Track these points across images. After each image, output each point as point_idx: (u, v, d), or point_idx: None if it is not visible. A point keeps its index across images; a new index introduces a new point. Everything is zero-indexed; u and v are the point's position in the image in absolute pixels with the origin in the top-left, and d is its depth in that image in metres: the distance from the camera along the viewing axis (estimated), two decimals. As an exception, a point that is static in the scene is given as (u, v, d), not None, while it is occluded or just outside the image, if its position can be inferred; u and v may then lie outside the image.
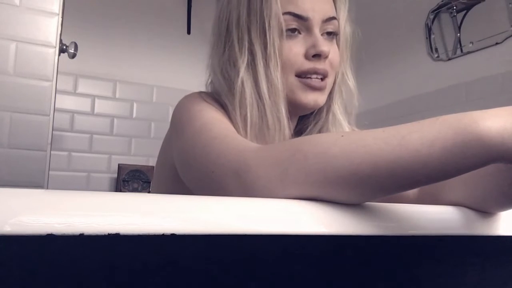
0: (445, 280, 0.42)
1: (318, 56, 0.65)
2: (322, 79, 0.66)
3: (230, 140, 0.50)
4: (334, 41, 0.70)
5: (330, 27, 0.68)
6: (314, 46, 0.64)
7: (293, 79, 0.65)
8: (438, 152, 0.34)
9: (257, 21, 0.64)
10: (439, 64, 1.98)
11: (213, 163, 0.48)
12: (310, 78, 0.66)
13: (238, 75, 0.63)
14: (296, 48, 0.65)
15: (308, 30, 0.66)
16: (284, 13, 0.64)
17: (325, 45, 0.64)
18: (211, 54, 0.71)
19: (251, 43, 0.64)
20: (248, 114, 0.62)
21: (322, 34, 0.66)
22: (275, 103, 0.63)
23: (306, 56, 0.65)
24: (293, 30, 0.65)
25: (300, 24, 0.65)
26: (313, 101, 0.66)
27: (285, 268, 0.33)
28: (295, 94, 0.66)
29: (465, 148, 0.33)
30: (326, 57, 0.66)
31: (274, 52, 0.63)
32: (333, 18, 0.68)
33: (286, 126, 0.64)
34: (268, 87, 0.63)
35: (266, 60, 0.63)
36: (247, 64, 0.64)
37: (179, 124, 0.61)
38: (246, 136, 0.62)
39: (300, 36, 0.66)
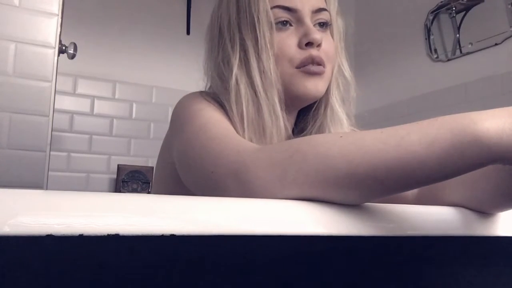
0: (444, 280, 0.42)
1: (311, 44, 0.65)
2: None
3: (229, 141, 0.50)
4: (328, 32, 0.70)
5: (321, 18, 0.68)
6: (306, 35, 0.65)
7: (292, 71, 0.65)
8: (436, 153, 0.34)
9: (246, 18, 0.65)
10: (438, 65, 1.98)
11: (212, 164, 0.48)
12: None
13: (232, 73, 0.64)
14: (288, 39, 0.65)
15: (299, 21, 0.66)
16: (273, 7, 0.65)
17: (317, 33, 0.65)
18: (206, 59, 0.72)
19: (242, 40, 0.65)
20: (245, 111, 0.62)
21: (314, 25, 0.67)
22: (270, 96, 0.63)
23: (299, 46, 0.65)
24: (284, 23, 0.66)
25: (290, 16, 0.66)
26: (313, 87, 0.66)
27: (284, 268, 0.33)
28: (295, 85, 0.65)
29: (464, 149, 0.33)
30: (319, 45, 0.66)
31: (265, 44, 0.64)
32: (323, 9, 0.68)
33: (281, 118, 0.64)
34: (261, 80, 0.64)
35: (258, 53, 0.64)
36: (240, 60, 0.65)
37: (179, 123, 0.61)
38: (244, 133, 0.62)
39: (292, 28, 0.66)
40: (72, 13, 1.83)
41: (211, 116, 0.58)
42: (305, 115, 0.74)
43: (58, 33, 1.22)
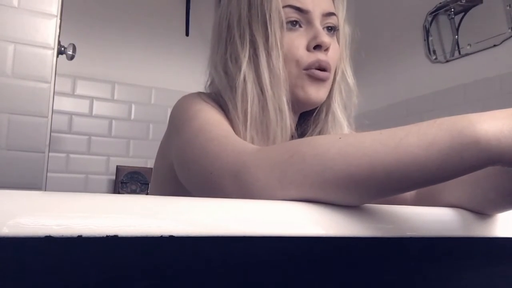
0: (442, 281, 0.42)
1: (319, 47, 0.65)
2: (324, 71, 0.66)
3: (228, 142, 0.50)
4: (335, 38, 0.70)
5: (330, 22, 0.68)
6: (315, 37, 0.65)
7: (298, 72, 0.65)
8: (435, 154, 0.34)
9: (258, 15, 0.65)
10: (437, 66, 1.98)
11: (212, 165, 0.48)
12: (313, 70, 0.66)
13: (240, 70, 0.64)
14: (297, 40, 0.66)
15: (309, 23, 0.66)
16: (285, 6, 0.65)
17: (326, 37, 0.65)
18: (211, 55, 0.72)
19: (252, 36, 0.65)
20: (249, 109, 0.62)
21: (322, 29, 0.67)
22: (277, 94, 0.63)
23: (308, 48, 0.66)
24: (294, 24, 0.66)
25: (300, 17, 0.66)
26: (315, 93, 0.66)
27: (283, 269, 0.33)
28: (298, 88, 0.66)
29: (462, 151, 0.33)
30: (327, 48, 0.66)
31: (276, 43, 0.64)
32: (333, 13, 0.69)
33: (288, 117, 0.64)
34: (270, 78, 0.64)
35: (268, 51, 0.64)
36: (249, 57, 0.65)
37: (178, 124, 0.61)
38: (246, 131, 0.62)
39: (301, 29, 0.66)
40: (71, 14, 1.83)
41: (210, 117, 0.58)
42: (306, 119, 0.74)
43: (57, 34, 1.22)
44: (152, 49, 2.25)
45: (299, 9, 0.66)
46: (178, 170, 0.58)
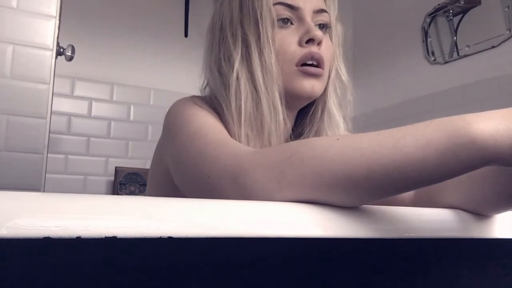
0: (441, 282, 0.42)
1: (312, 41, 0.65)
2: (318, 67, 0.67)
3: (225, 145, 0.50)
4: (327, 35, 0.71)
5: (321, 19, 0.69)
6: (307, 32, 0.65)
7: (291, 68, 0.65)
8: (432, 154, 0.34)
9: (249, 14, 0.66)
10: (436, 67, 1.99)
11: (209, 168, 0.48)
12: (307, 65, 0.66)
13: (233, 68, 0.65)
14: (289, 37, 0.66)
15: (300, 20, 0.67)
16: (275, 4, 0.66)
17: (318, 31, 0.65)
18: (205, 57, 0.72)
19: (245, 35, 0.66)
20: (243, 106, 0.62)
21: (314, 26, 0.67)
22: (271, 90, 0.64)
23: (300, 43, 0.66)
24: (286, 21, 0.66)
25: (292, 14, 0.67)
26: (310, 87, 0.66)
27: (282, 270, 0.33)
28: (292, 83, 0.66)
29: (459, 151, 0.33)
30: (320, 43, 0.66)
31: (268, 40, 0.64)
32: (324, 10, 0.69)
33: (281, 112, 0.64)
34: (263, 74, 0.64)
35: (260, 48, 0.65)
36: (242, 56, 0.65)
37: (173, 129, 0.61)
38: (240, 129, 0.62)
39: (293, 26, 0.67)
40: (70, 15, 1.83)
41: (205, 121, 0.58)
42: (302, 119, 0.74)
43: (56, 35, 1.22)
44: (151, 50, 2.25)
45: (290, 6, 0.66)
46: (174, 174, 0.58)
